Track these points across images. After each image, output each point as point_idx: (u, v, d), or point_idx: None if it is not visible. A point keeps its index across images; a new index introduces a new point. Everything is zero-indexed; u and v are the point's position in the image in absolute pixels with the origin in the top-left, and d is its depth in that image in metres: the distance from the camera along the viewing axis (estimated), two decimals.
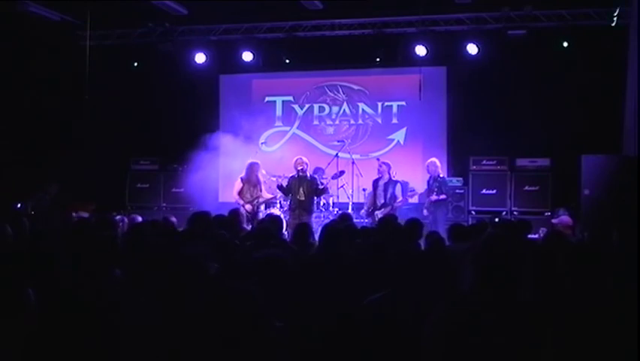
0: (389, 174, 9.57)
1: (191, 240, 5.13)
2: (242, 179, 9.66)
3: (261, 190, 9.70)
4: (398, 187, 9.49)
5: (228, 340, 2.47)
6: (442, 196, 9.46)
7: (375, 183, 9.69)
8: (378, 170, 9.70)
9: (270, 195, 9.92)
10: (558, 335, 2.94)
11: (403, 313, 3.06)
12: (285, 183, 9.50)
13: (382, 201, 9.46)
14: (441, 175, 9.81)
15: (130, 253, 4.27)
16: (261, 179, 9.79)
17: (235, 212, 6.93)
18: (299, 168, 9.51)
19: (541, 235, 7.23)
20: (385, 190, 9.47)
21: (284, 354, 2.61)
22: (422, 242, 5.80)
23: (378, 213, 9.21)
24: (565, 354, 2.94)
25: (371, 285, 3.45)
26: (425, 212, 9.54)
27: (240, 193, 9.60)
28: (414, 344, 2.98)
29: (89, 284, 3.53)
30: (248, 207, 9.47)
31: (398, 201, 9.39)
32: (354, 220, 7.64)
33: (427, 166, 9.82)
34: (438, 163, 9.82)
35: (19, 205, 10.00)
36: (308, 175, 9.67)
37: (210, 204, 9.62)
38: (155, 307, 3.08)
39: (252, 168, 9.70)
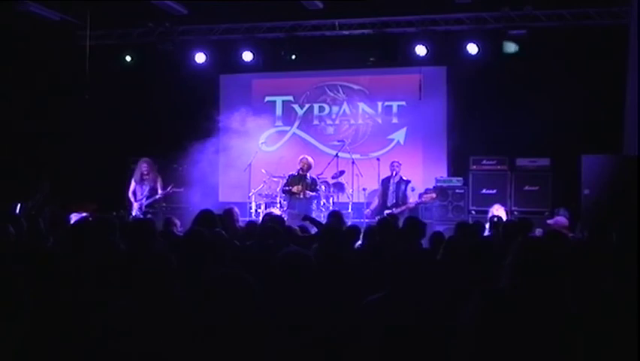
0: (399, 173, 9.73)
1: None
2: (134, 179, 9.78)
3: (152, 189, 9.67)
4: (409, 187, 9.61)
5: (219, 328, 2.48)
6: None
7: (386, 181, 9.76)
8: (392, 168, 9.80)
9: (160, 192, 9.80)
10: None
11: (403, 313, 3.06)
12: (284, 183, 9.55)
13: (393, 200, 9.54)
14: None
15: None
16: (154, 175, 9.75)
17: (229, 211, 6.92)
18: (299, 166, 9.58)
19: (538, 235, 7.22)
20: (397, 189, 9.57)
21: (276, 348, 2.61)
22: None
23: (388, 213, 9.30)
24: (565, 354, 2.94)
25: (371, 285, 3.45)
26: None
27: (134, 194, 9.72)
28: (413, 344, 2.98)
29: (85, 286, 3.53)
30: (135, 206, 9.57)
31: (411, 201, 9.53)
32: (353, 220, 7.69)
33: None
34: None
35: (18, 206, 9.98)
36: (308, 176, 9.71)
37: (210, 204, 9.60)
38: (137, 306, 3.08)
39: (138, 165, 9.80)
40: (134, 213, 9.56)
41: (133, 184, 9.82)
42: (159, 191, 9.74)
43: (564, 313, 2.72)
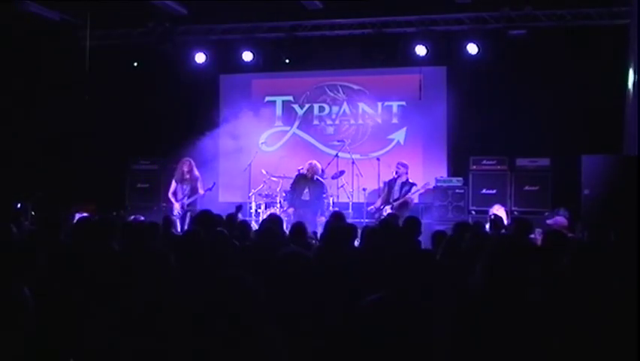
0: (407, 175, 9.81)
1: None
2: (175, 179, 9.80)
3: (193, 189, 9.70)
4: (414, 189, 9.70)
5: (220, 329, 2.48)
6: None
7: (392, 182, 9.84)
8: (397, 171, 9.86)
9: (201, 191, 9.86)
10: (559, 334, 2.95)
11: (402, 313, 3.06)
12: (292, 181, 9.63)
13: (396, 196, 9.67)
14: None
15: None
16: (195, 174, 9.75)
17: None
18: (305, 169, 9.64)
19: (537, 235, 7.21)
20: (401, 189, 9.67)
21: (279, 349, 2.61)
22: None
23: (387, 209, 9.38)
24: (565, 353, 2.94)
25: (371, 285, 3.45)
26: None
27: (175, 194, 9.74)
28: (411, 344, 2.98)
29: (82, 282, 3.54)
30: (176, 206, 9.60)
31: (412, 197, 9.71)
32: (353, 220, 7.70)
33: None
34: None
35: (18, 206, 9.99)
36: (315, 178, 9.73)
37: (210, 204, 9.63)
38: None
39: (179, 165, 9.84)
40: (175, 213, 9.58)
41: (174, 184, 9.86)
42: (200, 190, 9.80)
43: (537, 308, 2.72)
